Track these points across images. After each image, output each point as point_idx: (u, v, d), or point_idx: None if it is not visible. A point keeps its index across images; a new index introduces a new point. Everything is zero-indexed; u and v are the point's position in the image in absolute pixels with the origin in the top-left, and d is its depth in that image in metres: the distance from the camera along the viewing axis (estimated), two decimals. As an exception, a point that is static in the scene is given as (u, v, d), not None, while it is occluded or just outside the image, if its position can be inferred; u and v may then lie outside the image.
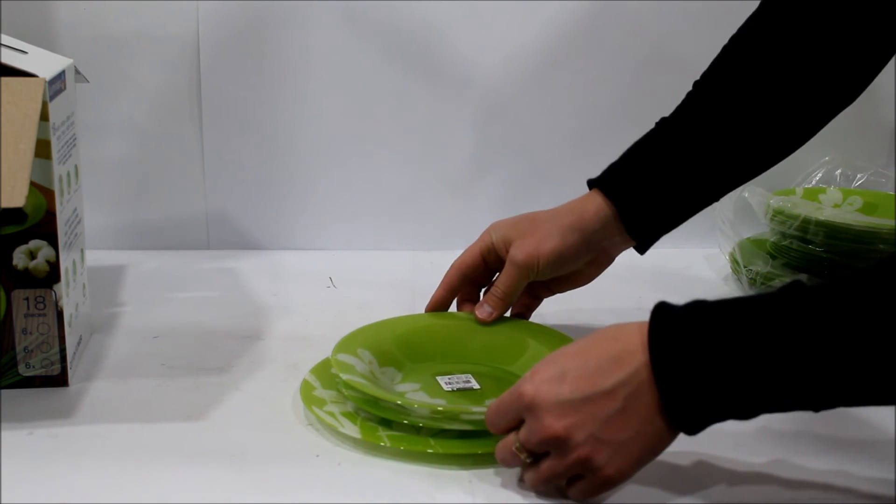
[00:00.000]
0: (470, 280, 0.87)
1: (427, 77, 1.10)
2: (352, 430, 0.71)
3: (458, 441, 0.70)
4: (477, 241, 0.87)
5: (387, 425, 0.72)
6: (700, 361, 0.59)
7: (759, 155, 0.84)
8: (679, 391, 0.59)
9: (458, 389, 0.78)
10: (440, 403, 0.75)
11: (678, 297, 1.02)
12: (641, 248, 0.87)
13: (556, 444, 0.62)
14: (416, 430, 0.72)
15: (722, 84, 0.84)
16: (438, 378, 0.79)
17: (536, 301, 0.90)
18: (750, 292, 1.00)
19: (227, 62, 1.08)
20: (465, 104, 1.11)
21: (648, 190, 0.83)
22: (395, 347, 0.82)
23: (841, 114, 1.16)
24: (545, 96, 1.11)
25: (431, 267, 1.10)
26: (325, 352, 0.80)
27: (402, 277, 1.07)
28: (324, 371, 0.79)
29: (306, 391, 0.77)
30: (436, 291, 0.88)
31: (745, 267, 1.02)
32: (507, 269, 0.84)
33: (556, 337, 0.84)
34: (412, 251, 1.14)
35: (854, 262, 0.97)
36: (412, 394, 0.77)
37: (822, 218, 0.98)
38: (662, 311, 0.62)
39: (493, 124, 1.12)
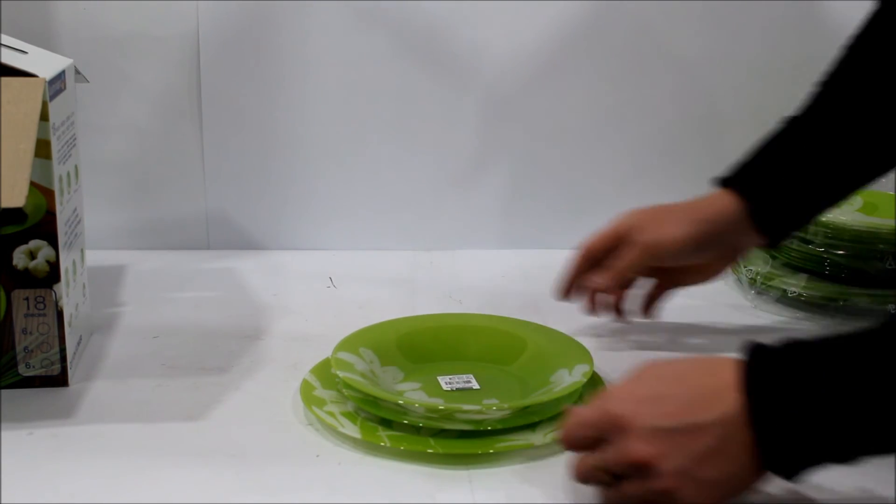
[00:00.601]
0: (595, 263, 0.87)
1: (428, 77, 1.10)
2: (352, 430, 0.71)
3: (458, 441, 0.70)
4: (606, 226, 0.87)
5: (387, 425, 0.72)
6: (799, 405, 0.56)
7: (892, 152, 0.83)
8: (777, 437, 0.57)
9: (458, 389, 0.78)
10: (438, 403, 0.75)
11: (677, 297, 1.02)
12: (772, 245, 0.87)
13: (641, 470, 0.59)
14: (416, 430, 0.72)
15: (850, 82, 0.83)
16: (439, 378, 0.80)
17: (663, 293, 0.91)
18: (750, 292, 1.00)
19: (227, 62, 1.08)
20: (466, 104, 1.11)
21: (781, 188, 0.83)
22: (397, 347, 0.83)
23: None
24: (547, 97, 1.11)
25: (431, 267, 1.10)
26: (325, 352, 0.80)
27: (402, 277, 1.07)
28: (324, 371, 0.79)
29: (306, 391, 0.77)
30: (564, 274, 0.88)
31: (745, 267, 1.02)
32: (629, 247, 0.84)
33: (555, 337, 0.84)
34: (412, 251, 1.14)
35: (854, 262, 0.97)
36: (411, 393, 0.77)
37: (822, 218, 0.98)
38: (757, 352, 0.59)
39: (494, 124, 1.12)
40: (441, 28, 1.09)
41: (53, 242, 0.76)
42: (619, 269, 0.85)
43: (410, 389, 0.78)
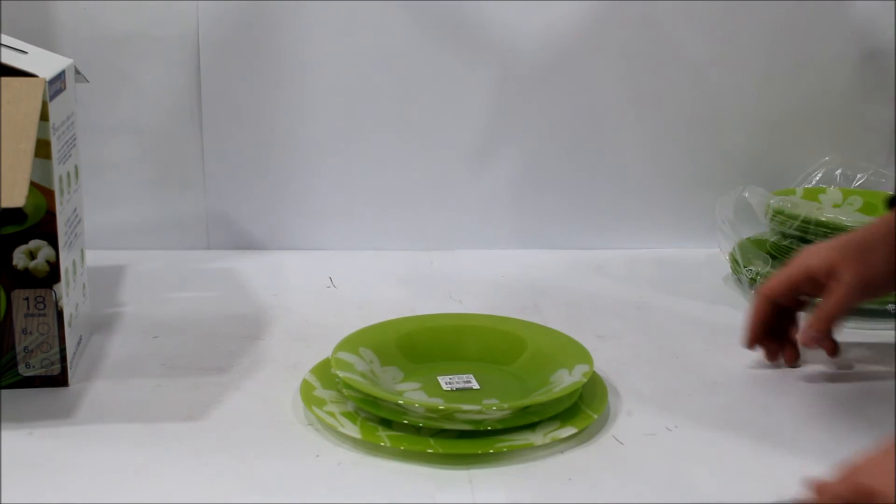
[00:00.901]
0: (780, 308, 0.84)
1: (428, 77, 1.10)
2: (352, 430, 0.71)
3: (458, 441, 0.70)
4: (790, 268, 0.83)
5: (387, 425, 0.72)
6: None
7: None
8: None
9: (458, 389, 0.78)
10: (438, 403, 0.75)
11: (677, 297, 1.02)
12: None
13: None
14: (416, 430, 0.72)
15: None
16: (439, 378, 0.80)
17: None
18: (750, 292, 1.00)
19: (227, 62, 1.08)
20: (467, 104, 1.11)
21: None
22: (397, 347, 0.83)
23: (841, 114, 1.17)
24: (549, 96, 1.11)
25: (431, 267, 1.10)
26: (325, 352, 0.80)
27: (402, 277, 1.07)
28: (324, 371, 0.79)
29: (306, 391, 0.77)
30: (748, 325, 0.84)
31: (744, 267, 1.02)
32: (837, 289, 0.79)
33: (555, 337, 0.84)
34: (412, 251, 1.14)
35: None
36: (411, 393, 0.77)
37: (822, 218, 0.98)
38: None
39: (494, 125, 1.12)
40: (441, 27, 1.09)
41: (53, 242, 0.76)
42: (831, 313, 0.80)
43: (410, 389, 0.78)
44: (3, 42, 0.77)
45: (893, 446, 0.58)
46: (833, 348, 0.84)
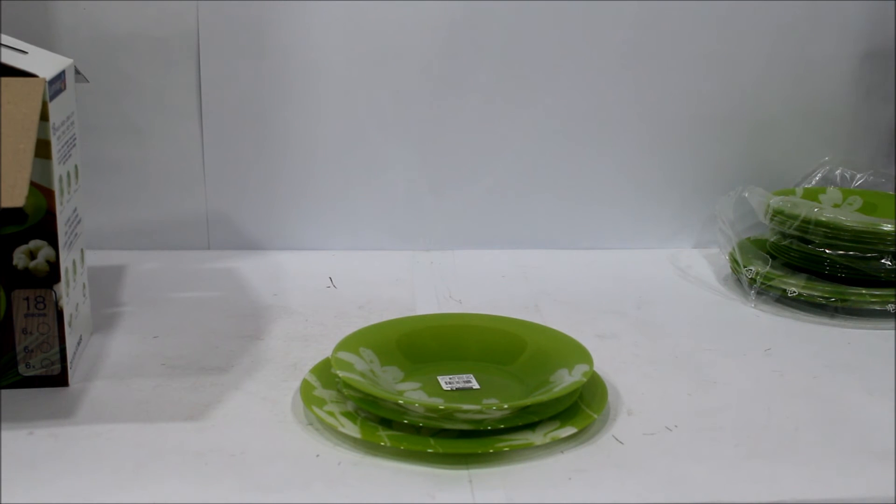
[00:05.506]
0: None
1: (428, 76, 1.10)
2: (352, 430, 0.71)
3: (458, 441, 0.70)
4: None
5: (387, 425, 0.72)
6: None
7: None
8: None
9: (458, 389, 0.78)
10: (438, 402, 0.75)
11: (677, 297, 1.02)
12: None
13: None
14: (416, 429, 0.72)
15: None
16: (439, 378, 0.80)
17: None
18: (750, 292, 1.00)
19: (227, 62, 1.08)
20: (467, 103, 1.11)
21: None
22: (397, 347, 0.83)
23: (841, 114, 1.17)
24: (547, 96, 1.11)
25: (431, 267, 1.10)
26: (325, 352, 0.80)
27: (402, 277, 1.07)
28: (324, 371, 0.79)
29: (306, 391, 0.77)
30: None
31: (744, 267, 1.02)
32: None
33: (555, 337, 0.84)
34: (412, 251, 1.14)
35: (854, 261, 0.97)
36: (411, 393, 0.77)
37: (822, 218, 0.98)
38: None
39: (494, 123, 1.12)
40: (440, 27, 1.09)
41: (53, 242, 0.76)
42: None
43: (410, 389, 0.78)
44: (3, 42, 0.77)
45: None
46: None
